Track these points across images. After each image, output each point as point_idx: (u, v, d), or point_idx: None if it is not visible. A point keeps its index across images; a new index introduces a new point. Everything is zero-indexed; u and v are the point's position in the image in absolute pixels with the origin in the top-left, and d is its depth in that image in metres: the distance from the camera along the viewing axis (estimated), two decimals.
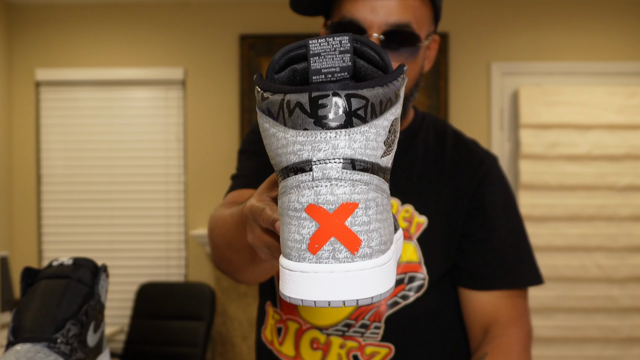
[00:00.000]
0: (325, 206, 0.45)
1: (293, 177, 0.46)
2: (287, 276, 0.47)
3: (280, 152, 0.46)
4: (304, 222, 0.45)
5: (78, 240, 3.80)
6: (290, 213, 0.46)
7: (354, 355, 1.07)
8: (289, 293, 0.47)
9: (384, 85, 0.45)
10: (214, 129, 3.76)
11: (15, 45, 3.82)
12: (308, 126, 0.44)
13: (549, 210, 3.59)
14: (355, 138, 0.44)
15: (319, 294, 0.45)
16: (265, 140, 0.48)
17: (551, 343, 3.60)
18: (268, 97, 0.46)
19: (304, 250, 0.45)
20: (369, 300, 0.46)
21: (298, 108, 0.44)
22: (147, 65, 3.79)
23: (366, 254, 0.45)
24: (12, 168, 3.82)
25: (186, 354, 3.30)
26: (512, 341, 1.05)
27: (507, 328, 1.07)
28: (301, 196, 0.45)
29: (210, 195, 3.73)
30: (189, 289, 3.52)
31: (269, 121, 0.47)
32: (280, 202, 0.48)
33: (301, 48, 0.48)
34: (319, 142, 0.44)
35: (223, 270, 1.00)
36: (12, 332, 0.78)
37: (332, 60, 0.47)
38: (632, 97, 3.60)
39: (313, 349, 1.09)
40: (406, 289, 1.07)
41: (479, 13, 3.73)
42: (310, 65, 0.47)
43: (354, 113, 0.44)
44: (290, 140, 0.45)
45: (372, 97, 0.44)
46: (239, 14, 3.76)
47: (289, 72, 0.50)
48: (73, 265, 0.84)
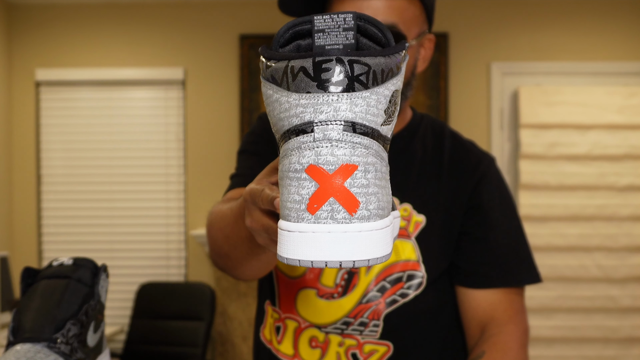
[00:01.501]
0: (325, 167, 0.46)
1: (294, 139, 0.47)
2: (285, 237, 0.47)
3: (283, 116, 0.47)
4: (304, 182, 0.46)
5: (78, 240, 3.80)
6: (291, 174, 0.47)
7: (352, 354, 1.07)
8: (286, 254, 0.47)
9: (386, 56, 0.46)
10: (214, 129, 3.76)
11: (15, 45, 3.82)
12: (311, 89, 0.45)
13: (549, 210, 3.59)
14: (357, 102, 0.45)
15: (317, 254, 0.46)
16: (269, 107, 0.49)
17: (551, 343, 3.60)
18: (272, 65, 0.48)
19: (303, 211, 0.46)
20: (366, 262, 0.46)
21: (302, 72, 0.45)
22: (147, 65, 3.79)
23: (364, 216, 0.46)
24: (12, 168, 3.82)
25: (186, 354, 3.30)
26: (510, 339, 1.05)
27: (505, 326, 1.07)
28: (302, 157, 0.46)
29: (210, 195, 3.73)
30: (189, 289, 3.52)
31: (272, 87, 0.48)
32: (281, 165, 0.49)
33: (306, 23, 0.49)
34: (321, 104, 0.45)
35: (221, 267, 1.00)
36: (12, 332, 0.78)
37: (335, 37, 0.48)
38: (632, 97, 3.60)
39: (312, 347, 1.09)
40: (405, 287, 1.07)
41: (479, 13, 3.73)
42: (315, 41, 0.48)
43: (356, 78, 0.45)
44: (293, 104, 0.46)
45: (374, 65, 0.46)
46: (239, 14, 3.76)
47: (293, 47, 0.51)
48: (73, 265, 0.84)
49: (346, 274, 1.08)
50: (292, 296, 1.11)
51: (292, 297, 1.11)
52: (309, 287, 1.09)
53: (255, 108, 3.71)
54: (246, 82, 3.72)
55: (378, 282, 1.07)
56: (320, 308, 1.08)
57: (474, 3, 3.72)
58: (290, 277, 1.11)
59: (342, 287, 1.08)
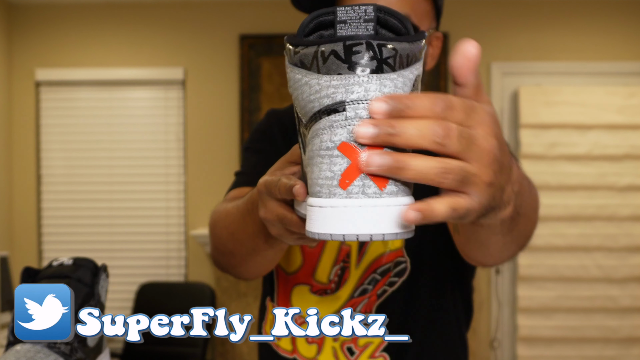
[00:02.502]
0: (357, 143, 0.48)
1: (326, 119, 0.49)
2: (316, 213, 0.49)
3: (313, 97, 0.49)
4: (336, 159, 0.48)
5: (78, 240, 3.80)
6: (322, 152, 0.49)
7: (347, 347, 1.08)
8: (317, 229, 0.49)
9: (410, 42, 0.49)
10: (214, 129, 3.76)
11: (15, 45, 3.82)
12: (342, 71, 0.48)
13: (549, 210, 3.58)
14: (385, 83, 0.48)
15: (348, 227, 0.48)
16: (296, 91, 0.51)
17: (551, 343, 3.60)
18: (300, 51, 0.50)
19: (335, 187, 0.48)
20: (394, 235, 0.48)
21: (332, 55, 0.48)
22: (147, 65, 3.79)
23: (393, 191, 0.48)
24: (12, 168, 3.82)
25: (186, 354, 3.30)
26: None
27: None
28: (334, 135, 0.48)
29: (210, 195, 3.73)
30: (189, 289, 3.52)
31: (301, 72, 0.50)
32: (311, 145, 0.50)
33: (329, 14, 0.51)
34: (353, 84, 0.47)
35: (223, 266, 1.00)
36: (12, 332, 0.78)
37: (356, 27, 0.49)
38: (632, 97, 3.60)
39: (308, 342, 1.10)
40: (392, 276, 1.08)
41: (479, 13, 3.73)
42: (337, 31, 0.50)
43: (385, 61, 0.48)
44: (324, 85, 0.48)
45: (401, 50, 0.48)
46: (239, 14, 3.76)
47: (316, 37, 0.52)
48: (73, 265, 0.84)
49: (339, 270, 1.08)
50: (288, 292, 1.12)
51: (287, 293, 1.12)
52: (303, 283, 1.10)
53: (255, 108, 3.71)
54: (246, 82, 3.72)
55: (368, 274, 1.08)
56: (313, 304, 1.09)
57: (474, 3, 3.72)
58: (288, 272, 1.12)
59: (335, 282, 1.08)
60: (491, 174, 0.50)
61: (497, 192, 0.52)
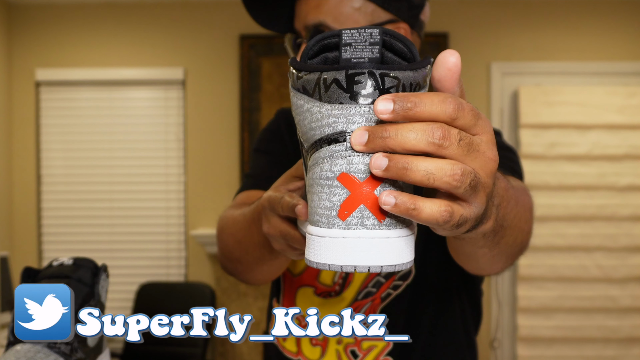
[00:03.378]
0: (357, 175, 0.48)
1: (326, 148, 0.49)
2: (314, 242, 0.49)
3: (314, 125, 0.49)
4: (335, 189, 0.48)
5: (78, 240, 3.80)
6: (322, 182, 0.49)
7: (351, 351, 1.07)
8: (316, 259, 0.49)
9: (414, 70, 0.48)
10: (214, 129, 3.76)
11: (15, 45, 3.82)
12: (344, 100, 0.47)
13: (549, 210, 3.58)
14: None
15: (346, 258, 0.48)
16: (298, 117, 0.51)
17: (551, 343, 3.60)
18: (303, 76, 0.50)
19: (334, 217, 0.48)
20: (392, 267, 0.48)
21: (335, 84, 0.47)
22: (147, 65, 3.79)
23: (392, 223, 0.48)
24: (12, 168, 3.82)
25: (186, 354, 3.30)
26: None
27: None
28: (334, 165, 0.48)
29: (210, 195, 3.73)
30: (189, 289, 3.52)
31: (303, 98, 0.50)
32: (311, 173, 0.50)
33: (334, 37, 0.51)
34: (354, 115, 0.47)
35: (230, 271, 1.01)
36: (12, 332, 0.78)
37: (362, 51, 0.49)
38: (632, 97, 3.60)
39: (312, 345, 1.10)
40: (396, 279, 1.08)
41: (479, 13, 3.73)
42: (342, 54, 0.49)
43: (387, 91, 0.47)
44: (326, 114, 0.48)
45: (404, 79, 0.48)
46: (239, 14, 3.74)
47: (321, 59, 0.52)
48: (73, 265, 0.84)
49: (344, 272, 1.08)
50: (293, 293, 1.12)
51: (292, 295, 1.12)
52: (307, 285, 1.10)
53: (255, 108, 3.71)
54: (246, 82, 3.72)
55: (373, 277, 1.07)
56: (317, 306, 1.09)
57: (474, 3, 3.72)
58: (294, 274, 1.12)
59: (340, 285, 1.08)
60: (491, 185, 0.50)
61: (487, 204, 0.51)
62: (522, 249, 0.83)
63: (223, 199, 3.64)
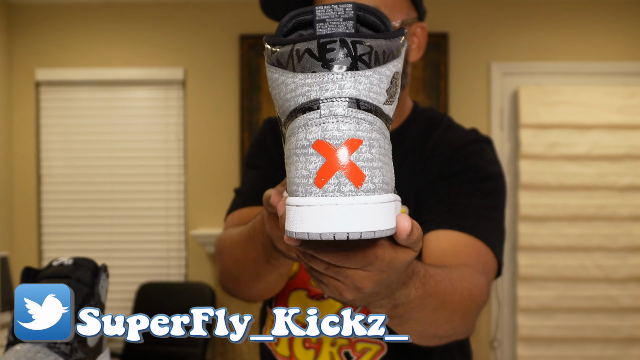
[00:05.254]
0: (332, 141, 0.47)
1: (301, 117, 0.48)
2: (293, 212, 0.49)
3: (289, 96, 0.49)
4: (311, 157, 0.48)
5: (78, 240, 3.80)
6: (298, 151, 0.49)
7: (345, 353, 1.07)
8: (295, 229, 0.48)
9: (387, 39, 0.48)
10: (214, 129, 3.76)
11: (15, 45, 3.82)
12: (316, 69, 0.47)
13: (549, 210, 3.58)
14: (360, 80, 0.47)
15: (325, 226, 0.47)
16: (274, 90, 0.51)
17: (551, 343, 3.60)
18: (277, 50, 0.50)
19: (311, 185, 0.48)
20: (372, 234, 0.48)
21: (307, 54, 0.47)
22: (147, 65, 3.79)
23: (369, 189, 0.48)
24: (12, 168, 3.82)
25: (186, 354, 3.30)
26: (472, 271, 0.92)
27: (467, 266, 0.92)
28: (309, 133, 0.48)
29: (210, 195, 3.73)
30: (189, 289, 3.52)
31: (278, 71, 0.50)
32: (288, 144, 0.50)
33: (308, 14, 0.51)
34: (327, 82, 0.47)
35: (230, 291, 1.03)
36: (12, 332, 0.78)
37: (336, 26, 0.49)
38: (632, 97, 3.60)
39: (305, 348, 1.09)
40: None
41: (479, 13, 3.73)
42: (316, 30, 0.49)
43: (359, 57, 0.47)
44: (299, 83, 0.48)
45: (376, 46, 0.48)
46: (239, 14, 3.76)
47: (296, 36, 0.52)
48: (73, 265, 0.84)
49: None
50: (285, 297, 1.11)
51: (285, 298, 1.11)
52: (300, 288, 1.10)
53: (255, 108, 3.71)
54: (246, 82, 3.72)
55: None
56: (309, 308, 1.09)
57: (474, 3, 3.72)
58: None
59: None
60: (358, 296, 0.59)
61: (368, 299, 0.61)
62: (445, 337, 0.85)
63: (223, 199, 3.64)
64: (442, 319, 0.79)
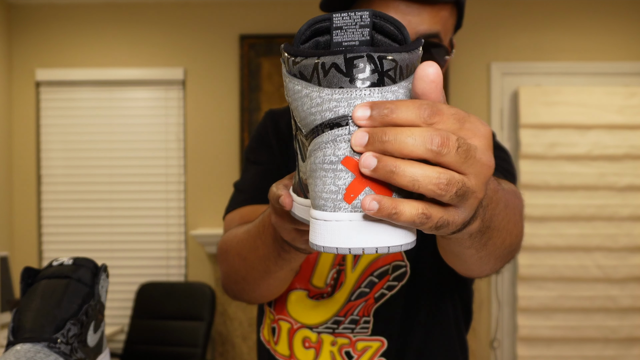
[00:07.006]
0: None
1: (329, 132, 0.49)
2: (320, 226, 0.49)
3: (314, 110, 0.49)
4: (340, 173, 0.48)
5: (78, 240, 3.81)
6: (326, 166, 0.49)
7: (346, 352, 1.07)
8: (322, 242, 0.49)
9: (409, 51, 0.49)
10: (214, 129, 3.76)
11: (15, 45, 3.82)
12: (344, 84, 0.47)
13: (549, 210, 3.59)
14: (387, 96, 0.48)
15: (353, 241, 0.48)
16: (296, 102, 0.50)
17: (551, 343, 3.60)
18: (300, 61, 0.50)
19: (340, 200, 0.48)
20: (399, 247, 0.49)
21: (334, 68, 0.47)
22: (147, 65, 3.79)
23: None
24: (12, 168, 3.82)
25: (186, 354, 3.30)
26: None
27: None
28: (337, 149, 0.48)
29: (210, 195, 3.73)
30: (189, 289, 3.52)
31: (301, 83, 0.50)
32: (313, 157, 0.50)
33: (325, 21, 0.51)
34: (355, 98, 0.47)
35: (235, 293, 1.02)
36: (12, 332, 0.78)
37: (352, 34, 0.49)
38: (632, 97, 3.61)
39: (305, 348, 1.09)
40: (391, 279, 1.07)
41: (479, 13, 3.73)
42: (333, 37, 0.50)
43: (386, 73, 0.47)
44: (326, 98, 0.48)
45: (400, 61, 0.48)
46: (239, 14, 3.76)
47: (312, 43, 0.53)
48: (73, 265, 0.84)
49: (335, 273, 1.08)
50: (284, 297, 1.11)
51: (284, 298, 1.11)
52: (300, 288, 1.10)
53: (255, 108, 3.71)
54: (246, 82, 3.72)
55: (365, 277, 1.07)
56: (309, 308, 1.09)
57: (474, 3, 3.72)
58: None
59: (332, 286, 1.08)
60: (484, 191, 0.49)
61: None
62: (511, 251, 0.83)
63: (223, 199, 3.64)
64: (511, 223, 0.77)
